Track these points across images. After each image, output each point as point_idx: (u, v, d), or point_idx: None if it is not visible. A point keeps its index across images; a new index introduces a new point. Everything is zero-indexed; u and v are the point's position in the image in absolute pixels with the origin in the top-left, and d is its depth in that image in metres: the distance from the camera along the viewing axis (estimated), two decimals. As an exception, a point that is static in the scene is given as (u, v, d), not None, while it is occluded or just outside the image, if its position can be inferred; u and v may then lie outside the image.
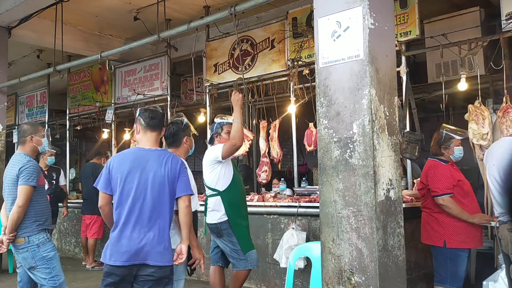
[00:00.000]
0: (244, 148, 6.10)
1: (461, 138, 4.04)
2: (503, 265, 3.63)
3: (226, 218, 3.94)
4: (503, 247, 3.50)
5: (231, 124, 4.03)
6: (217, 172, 3.98)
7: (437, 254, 3.84)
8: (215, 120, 4.27)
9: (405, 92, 5.18)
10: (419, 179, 5.21)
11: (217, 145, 4.00)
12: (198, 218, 3.65)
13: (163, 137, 3.49)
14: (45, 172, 6.34)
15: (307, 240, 4.81)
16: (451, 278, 3.74)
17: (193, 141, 3.69)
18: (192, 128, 3.72)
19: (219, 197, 3.97)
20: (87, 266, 6.81)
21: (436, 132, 4.13)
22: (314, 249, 3.59)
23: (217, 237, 4.06)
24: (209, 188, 4.03)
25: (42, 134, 3.81)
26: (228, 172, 4.00)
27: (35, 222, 3.61)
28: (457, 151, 3.94)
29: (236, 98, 3.99)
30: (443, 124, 4.21)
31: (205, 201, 4.10)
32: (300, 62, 5.85)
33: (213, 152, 3.97)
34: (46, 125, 9.44)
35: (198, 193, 3.93)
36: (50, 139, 5.41)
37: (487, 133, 4.79)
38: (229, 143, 3.86)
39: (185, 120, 3.67)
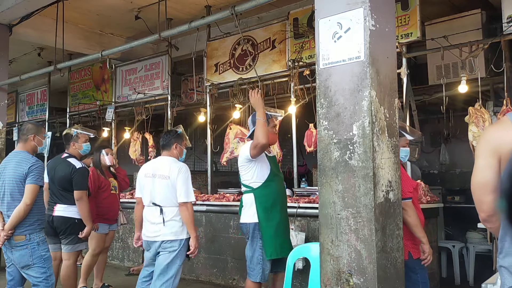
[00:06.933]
0: (244, 148, 6.09)
1: (411, 138, 3.52)
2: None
3: (257, 220, 3.79)
4: None
5: (277, 117, 4.05)
6: (251, 170, 3.85)
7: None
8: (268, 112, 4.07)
9: (405, 94, 5.18)
10: (418, 180, 5.23)
11: (247, 144, 3.89)
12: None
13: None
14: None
15: (306, 241, 4.81)
16: None
17: (183, 150, 4.12)
18: (187, 141, 4.17)
19: (252, 194, 3.84)
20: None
21: None
22: (313, 250, 3.58)
23: (247, 239, 3.91)
24: (244, 185, 3.93)
25: (44, 135, 3.94)
26: (262, 169, 3.85)
27: (38, 220, 3.67)
28: (401, 153, 3.31)
29: (255, 98, 3.84)
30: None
31: (241, 198, 3.99)
32: (300, 63, 5.85)
33: (244, 152, 3.86)
34: (47, 123, 9.45)
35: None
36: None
37: (487, 136, 4.78)
38: (254, 142, 3.73)
39: (180, 131, 4.12)
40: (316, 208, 3.71)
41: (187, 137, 4.22)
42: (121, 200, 5.63)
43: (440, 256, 5.75)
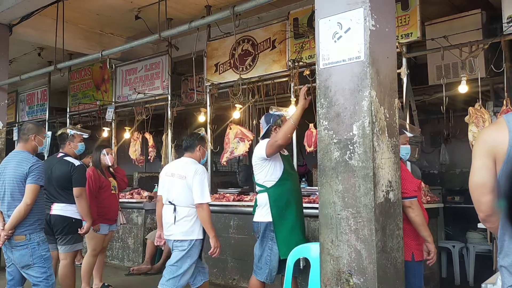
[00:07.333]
0: (244, 149, 6.11)
1: (411, 135, 3.54)
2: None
3: (270, 219, 3.75)
4: None
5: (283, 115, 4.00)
6: (265, 168, 3.81)
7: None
8: (272, 111, 4.04)
9: (405, 94, 5.18)
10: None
11: (263, 142, 3.84)
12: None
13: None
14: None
15: (306, 241, 4.80)
16: None
17: (206, 152, 4.26)
18: (208, 143, 4.30)
19: (266, 194, 3.81)
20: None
21: None
22: (313, 250, 3.58)
23: (257, 238, 3.89)
24: (258, 185, 3.90)
25: (45, 135, 3.97)
26: (276, 168, 3.81)
27: (38, 220, 3.68)
28: (402, 151, 3.31)
29: (305, 100, 3.70)
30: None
31: (255, 198, 3.97)
32: (300, 63, 5.84)
33: (259, 150, 3.81)
34: (47, 123, 9.45)
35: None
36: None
37: (487, 136, 4.77)
38: (272, 141, 3.71)
39: (202, 133, 4.25)
40: (316, 208, 3.71)
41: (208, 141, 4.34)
42: (120, 200, 5.64)
43: (440, 256, 5.75)
